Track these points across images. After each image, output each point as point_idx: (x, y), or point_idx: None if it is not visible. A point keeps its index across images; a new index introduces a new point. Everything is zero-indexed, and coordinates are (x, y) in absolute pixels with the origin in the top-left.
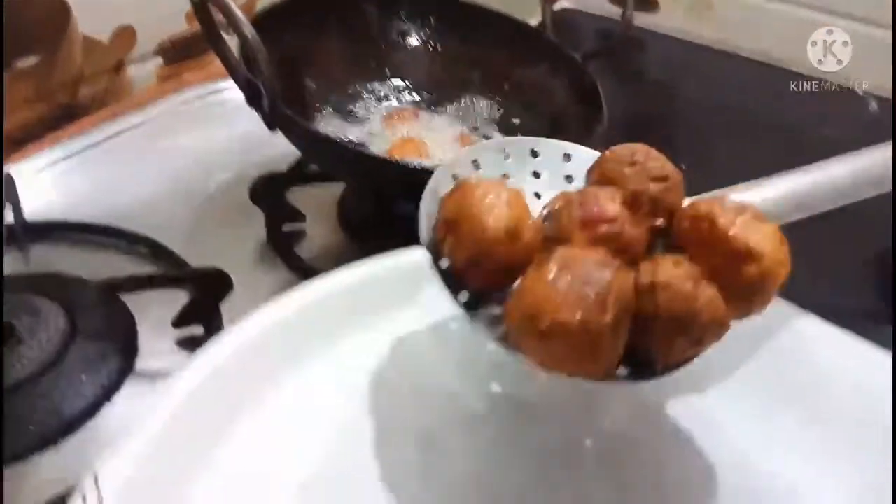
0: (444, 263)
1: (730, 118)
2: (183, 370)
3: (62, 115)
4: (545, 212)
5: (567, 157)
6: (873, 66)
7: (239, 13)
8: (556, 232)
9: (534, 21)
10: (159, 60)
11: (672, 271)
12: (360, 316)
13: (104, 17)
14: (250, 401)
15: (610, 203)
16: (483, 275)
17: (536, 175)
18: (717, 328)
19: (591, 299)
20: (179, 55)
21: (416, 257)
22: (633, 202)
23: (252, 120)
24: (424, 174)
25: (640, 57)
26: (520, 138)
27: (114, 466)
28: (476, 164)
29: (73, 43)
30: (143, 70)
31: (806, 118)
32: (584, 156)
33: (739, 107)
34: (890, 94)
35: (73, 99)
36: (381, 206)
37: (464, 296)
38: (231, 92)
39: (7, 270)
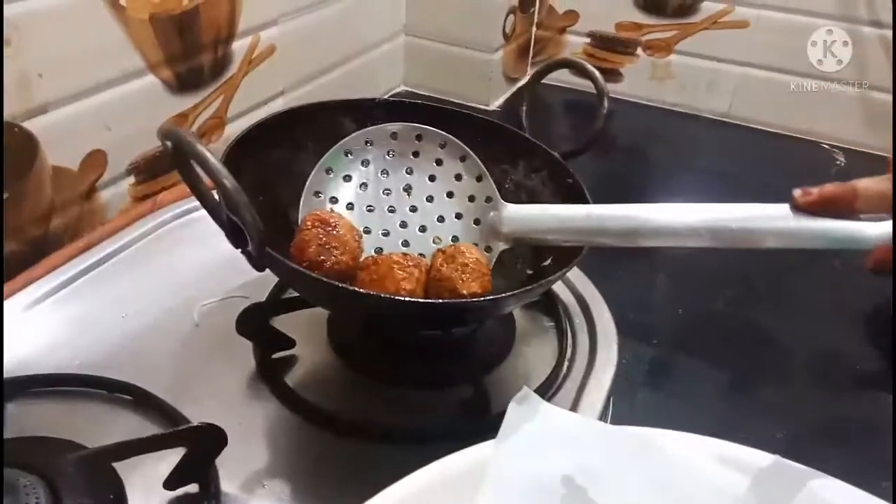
0: None
1: (698, 178)
2: None
3: (33, 250)
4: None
5: (443, 145)
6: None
7: (216, 163)
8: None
9: (495, 104)
10: (132, 179)
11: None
12: None
13: (73, 145)
14: None
15: None
16: None
17: (416, 154)
18: None
19: None
20: (153, 172)
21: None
22: None
23: None
24: (410, 306)
25: (606, 124)
26: (405, 124)
27: None
28: (368, 142)
29: (42, 175)
30: (115, 192)
31: (773, 173)
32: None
33: (706, 166)
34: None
35: (45, 232)
36: (369, 327)
37: None
38: None
39: None
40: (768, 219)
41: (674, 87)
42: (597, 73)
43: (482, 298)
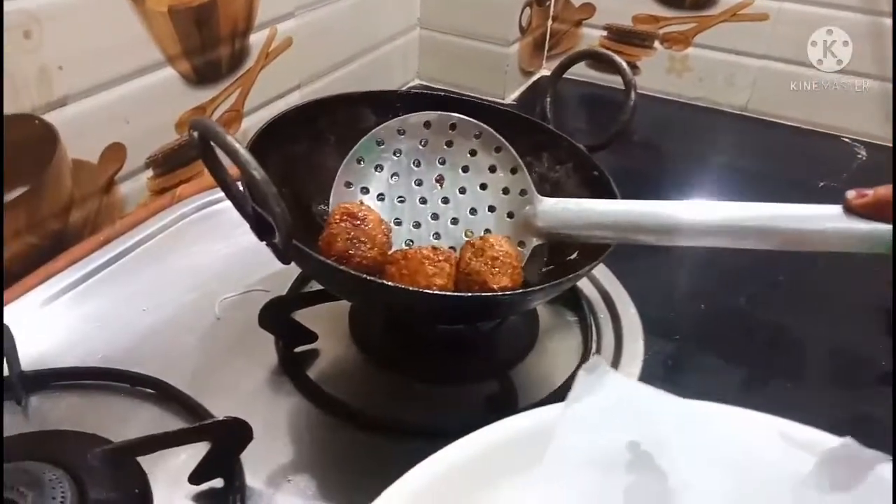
0: None
1: (714, 171)
2: None
3: (53, 243)
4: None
5: (478, 135)
6: None
7: (246, 154)
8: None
9: (511, 97)
10: (150, 173)
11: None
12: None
13: (93, 138)
14: None
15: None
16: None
17: (449, 144)
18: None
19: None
20: (171, 165)
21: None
22: None
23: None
24: (438, 299)
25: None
26: (440, 113)
27: None
28: (401, 132)
29: (62, 168)
30: (134, 185)
31: (794, 168)
32: (490, 139)
33: (723, 159)
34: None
35: (65, 225)
36: (392, 322)
37: None
38: (226, 202)
39: (5, 430)
40: (821, 220)
41: (692, 81)
42: (624, 64)
43: (511, 292)
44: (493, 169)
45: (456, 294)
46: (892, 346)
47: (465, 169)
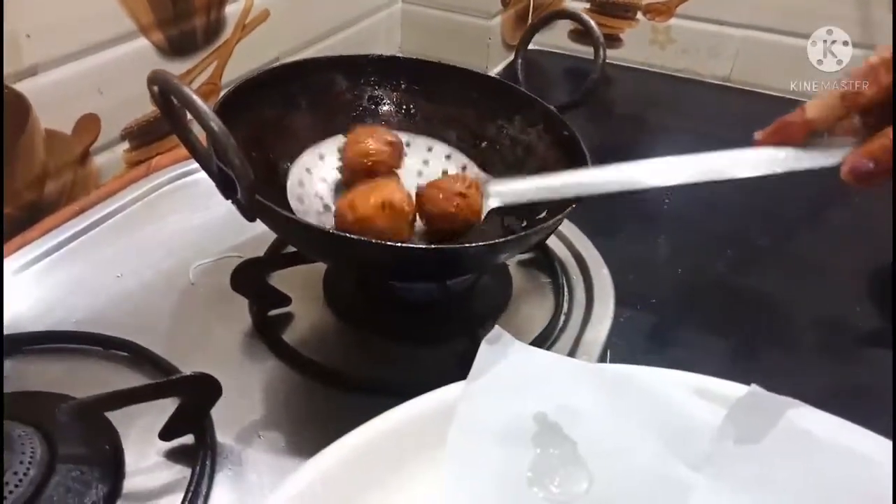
0: None
1: (697, 142)
2: None
3: (28, 214)
4: None
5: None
6: None
7: (203, 105)
8: None
9: (494, 71)
10: (126, 145)
11: None
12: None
13: (66, 109)
14: None
15: None
16: None
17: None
18: None
19: None
20: (146, 138)
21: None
22: None
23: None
24: (408, 252)
25: (607, 90)
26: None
27: None
28: None
29: (34, 139)
30: (109, 157)
31: None
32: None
33: (708, 131)
34: None
35: (39, 196)
36: (365, 281)
37: None
38: (201, 172)
39: None
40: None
41: (675, 52)
42: (592, 22)
43: (476, 244)
44: (448, 157)
45: (419, 246)
46: (892, 314)
47: (426, 162)
